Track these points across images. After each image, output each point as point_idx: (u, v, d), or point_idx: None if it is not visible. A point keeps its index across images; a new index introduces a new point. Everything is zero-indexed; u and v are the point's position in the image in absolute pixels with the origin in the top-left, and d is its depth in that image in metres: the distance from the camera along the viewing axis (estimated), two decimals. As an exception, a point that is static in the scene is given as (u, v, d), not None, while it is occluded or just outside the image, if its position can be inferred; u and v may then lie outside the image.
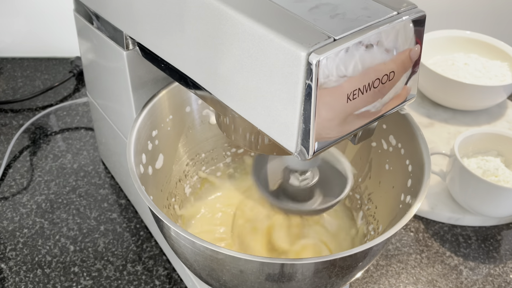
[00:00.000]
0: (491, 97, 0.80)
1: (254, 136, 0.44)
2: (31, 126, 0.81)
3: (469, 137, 0.69)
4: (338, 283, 0.45)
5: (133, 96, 0.54)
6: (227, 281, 0.44)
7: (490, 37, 0.87)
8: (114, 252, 0.63)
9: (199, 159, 0.62)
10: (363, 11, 0.36)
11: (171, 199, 0.58)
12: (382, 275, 0.62)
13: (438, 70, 0.81)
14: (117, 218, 0.67)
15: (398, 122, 0.52)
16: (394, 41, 0.36)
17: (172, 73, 0.46)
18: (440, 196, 0.70)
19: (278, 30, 0.34)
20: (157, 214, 0.42)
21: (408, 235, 0.66)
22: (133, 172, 0.46)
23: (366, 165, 0.57)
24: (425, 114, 0.83)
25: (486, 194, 0.63)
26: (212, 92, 0.41)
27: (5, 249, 0.63)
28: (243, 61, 0.36)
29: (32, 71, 0.93)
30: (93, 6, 0.54)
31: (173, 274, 0.61)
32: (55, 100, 0.87)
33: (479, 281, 0.61)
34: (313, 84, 0.33)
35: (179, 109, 0.57)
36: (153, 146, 0.53)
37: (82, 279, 0.60)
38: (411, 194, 0.48)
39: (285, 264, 0.40)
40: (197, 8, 0.39)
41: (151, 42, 0.47)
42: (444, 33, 0.88)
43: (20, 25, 0.93)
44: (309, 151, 0.35)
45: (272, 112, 0.36)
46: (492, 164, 0.67)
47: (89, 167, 0.74)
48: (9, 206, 0.68)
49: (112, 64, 0.55)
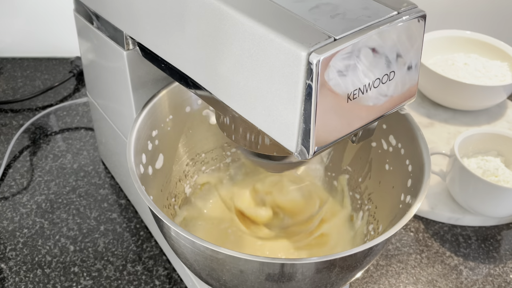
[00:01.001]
0: (491, 97, 0.80)
1: (254, 136, 0.44)
2: (31, 126, 0.81)
3: (469, 137, 0.69)
4: (338, 283, 0.45)
5: (133, 96, 0.54)
6: (227, 281, 0.44)
7: (490, 37, 0.87)
8: (114, 252, 0.63)
9: (199, 159, 0.62)
10: (364, 11, 0.36)
11: (171, 199, 0.58)
12: (382, 275, 0.62)
13: (438, 70, 0.81)
14: (117, 218, 0.67)
15: (398, 122, 0.52)
16: (394, 41, 0.36)
17: (172, 73, 0.46)
18: (440, 196, 0.70)
19: (279, 30, 0.34)
20: (157, 214, 0.42)
21: (408, 235, 0.66)
22: (133, 172, 0.46)
23: (366, 165, 0.57)
24: (425, 114, 0.83)
25: (486, 194, 0.63)
26: (212, 92, 0.41)
27: (5, 249, 0.63)
28: (243, 61, 0.36)
29: (32, 71, 0.93)
30: (93, 6, 0.54)
31: (173, 274, 0.61)
32: (55, 100, 0.87)
33: (479, 281, 0.61)
34: (313, 84, 0.33)
35: (179, 109, 0.57)
36: (153, 146, 0.53)
37: (82, 279, 0.60)
38: (411, 194, 0.48)
39: (285, 264, 0.40)
40: (198, 8, 0.39)
41: (151, 42, 0.46)
42: (444, 33, 0.88)
43: (20, 25, 0.93)
44: (309, 151, 0.35)
45: (273, 112, 0.36)
46: (492, 164, 0.67)
47: (89, 167, 0.74)
48: (9, 206, 0.68)
49: (112, 64, 0.55)
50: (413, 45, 0.37)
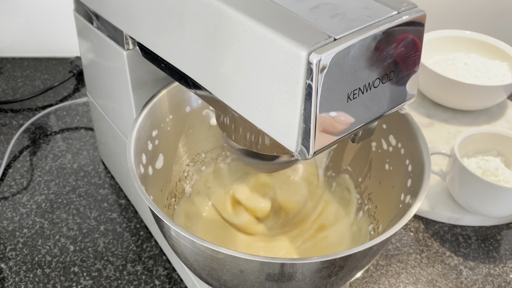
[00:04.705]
0: (491, 97, 0.80)
1: (255, 135, 0.44)
2: (31, 126, 0.81)
3: (469, 137, 0.69)
4: (338, 282, 0.45)
5: (133, 96, 0.54)
6: (227, 281, 0.44)
7: (490, 37, 0.87)
8: (114, 252, 0.63)
9: (199, 159, 0.62)
10: (364, 11, 0.36)
11: (171, 199, 0.58)
12: (382, 275, 0.62)
13: (438, 70, 0.81)
14: (117, 218, 0.67)
15: (398, 122, 0.52)
16: (394, 41, 0.36)
17: (172, 72, 0.46)
18: (440, 196, 0.70)
19: (279, 30, 0.34)
20: (157, 214, 0.42)
21: (408, 235, 0.66)
22: (133, 172, 0.46)
23: (366, 165, 0.57)
24: (425, 114, 0.83)
25: (486, 194, 0.63)
26: (212, 92, 0.41)
27: (5, 249, 0.63)
28: (243, 61, 0.36)
29: (32, 71, 0.93)
30: (93, 6, 0.54)
31: (173, 274, 0.61)
32: (55, 100, 0.87)
33: (479, 281, 0.61)
34: (313, 83, 0.33)
35: (179, 109, 0.57)
36: (153, 146, 0.53)
37: (82, 279, 0.60)
38: (411, 194, 0.48)
39: (285, 263, 0.40)
40: (198, 8, 0.39)
41: (151, 42, 0.46)
42: (444, 33, 0.88)
43: (20, 25, 0.93)
44: (309, 151, 0.35)
45: (273, 111, 0.36)
46: (492, 164, 0.67)
47: (89, 167, 0.74)
48: (9, 206, 0.68)
49: (112, 64, 0.55)
50: (413, 45, 0.37)
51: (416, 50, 0.38)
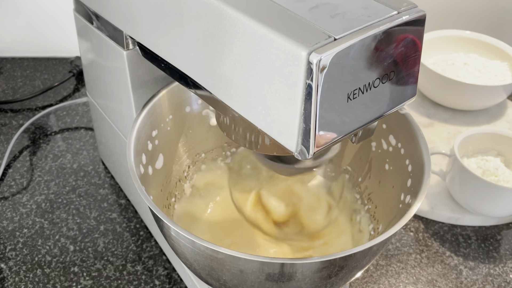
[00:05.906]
0: (491, 97, 0.80)
1: (255, 135, 0.44)
2: (31, 126, 0.81)
3: (469, 137, 0.69)
4: (338, 282, 0.45)
5: (133, 96, 0.54)
6: (227, 281, 0.44)
7: (490, 37, 0.87)
8: (114, 252, 0.63)
9: (199, 159, 0.62)
10: (364, 11, 0.36)
11: (171, 199, 0.58)
12: (382, 275, 0.62)
13: (438, 70, 0.81)
14: (117, 218, 0.67)
15: (398, 122, 0.52)
16: (394, 41, 0.36)
17: (172, 72, 0.46)
18: (440, 196, 0.70)
19: (279, 30, 0.34)
20: (157, 214, 0.42)
21: (408, 235, 0.66)
22: (133, 172, 0.46)
23: (366, 165, 0.57)
24: (425, 114, 0.83)
25: (486, 194, 0.63)
26: (212, 92, 0.41)
27: (5, 249, 0.63)
28: (243, 61, 0.36)
29: (32, 71, 0.93)
30: (93, 6, 0.54)
31: (173, 274, 0.61)
32: (55, 100, 0.87)
33: (479, 281, 0.61)
34: (313, 83, 0.33)
35: (179, 109, 0.57)
36: (153, 146, 0.53)
37: (82, 279, 0.60)
38: (411, 194, 0.48)
39: (285, 263, 0.40)
40: (198, 8, 0.39)
41: (151, 42, 0.46)
42: (444, 33, 0.88)
43: (20, 25, 0.93)
44: (309, 151, 0.35)
45: (273, 111, 0.36)
46: (492, 164, 0.67)
47: (89, 167, 0.74)
48: (9, 206, 0.68)
49: (112, 64, 0.55)
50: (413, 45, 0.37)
51: (416, 50, 0.38)
